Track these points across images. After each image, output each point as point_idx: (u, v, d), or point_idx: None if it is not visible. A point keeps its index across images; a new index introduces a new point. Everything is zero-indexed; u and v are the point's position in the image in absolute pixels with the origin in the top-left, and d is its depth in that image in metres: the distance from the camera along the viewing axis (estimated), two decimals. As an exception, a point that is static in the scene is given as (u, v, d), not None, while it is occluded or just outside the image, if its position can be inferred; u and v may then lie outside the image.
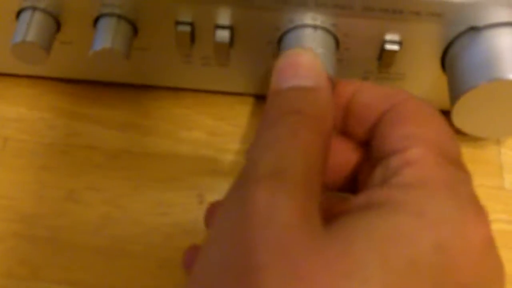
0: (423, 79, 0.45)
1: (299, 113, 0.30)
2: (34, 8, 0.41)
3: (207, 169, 0.47)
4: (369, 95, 0.34)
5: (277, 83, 0.32)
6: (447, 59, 0.42)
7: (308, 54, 0.33)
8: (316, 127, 0.30)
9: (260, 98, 0.49)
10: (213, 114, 0.49)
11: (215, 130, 0.48)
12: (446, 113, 0.35)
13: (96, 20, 0.42)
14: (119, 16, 0.41)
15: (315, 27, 0.41)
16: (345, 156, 0.35)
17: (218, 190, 0.45)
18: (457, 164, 0.30)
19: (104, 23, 0.41)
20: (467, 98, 0.40)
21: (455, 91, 0.40)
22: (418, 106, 0.32)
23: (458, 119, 0.42)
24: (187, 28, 0.42)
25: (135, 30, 0.42)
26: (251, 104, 0.49)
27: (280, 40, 0.42)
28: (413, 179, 0.29)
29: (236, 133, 0.48)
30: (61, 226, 0.44)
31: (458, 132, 0.42)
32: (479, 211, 0.29)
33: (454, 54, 0.41)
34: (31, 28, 0.41)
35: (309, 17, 0.40)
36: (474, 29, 0.40)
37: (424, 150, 0.30)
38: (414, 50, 0.42)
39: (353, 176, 0.35)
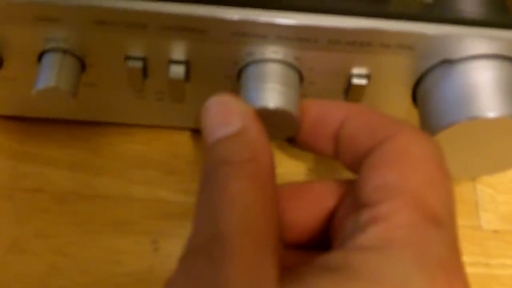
0: (393, 114, 0.41)
1: (227, 164, 0.28)
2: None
3: (162, 212, 0.43)
4: (356, 125, 0.31)
5: (206, 139, 0.30)
6: (418, 93, 0.40)
7: (226, 97, 0.31)
8: (247, 172, 0.28)
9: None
10: (168, 151, 0.46)
11: (171, 168, 0.45)
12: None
13: (40, 56, 0.39)
14: (65, 51, 0.38)
15: (276, 61, 0.38)
16: (316, 204, 0.32)
17: (174, 235, 0.42)
18: (436, 221, 0.27)
19: (48, 59, 0.38)
20: (441, 137, 0.37)
21: (428, 129, 0.38)
22: (407, 145, 0.29)
23: (430, 158, 0.38)
24: (138, 64, 0.39)
25: (82, 65, 0.39)
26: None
27: (239, 74, 0.39)
28: (377, 240, 0.26)
29: (193, 172, 0.45)
30: (4, 280, 0.40)
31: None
32: (451, 273, 0.26)
33: (426, 89, 0.39)
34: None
35: (270, 51, 0.38)
36: (448, 62, 0.38)
37: (399, 204, 0.27)
38: (383, 84, 0.40)
39: (324, 229, 0.32)
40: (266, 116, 0.32)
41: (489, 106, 0.36)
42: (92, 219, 0.43)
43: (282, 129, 0.36)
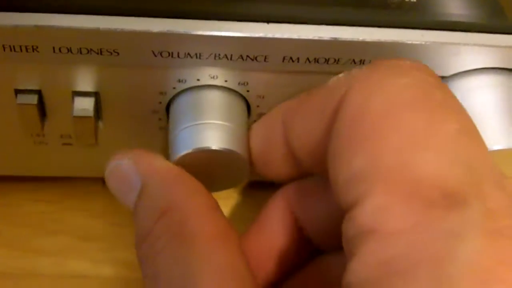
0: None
1: (143, 240, 0.25)
2: None
3: (78, 291, 0.35)
4: (300, 120, 0.26)
5: (125, 204, 0.28)
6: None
7: (123, 155, 0.28)
8: (164, 237, 0.25)
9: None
10: (85, 210, 0.38)
11: (88, 232, 0.37)
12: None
13: None
14: None
15: (215, 88, 0.31)
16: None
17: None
18: (450, 199, 0.19)
19: None
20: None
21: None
22: (364, 102, 0.22)
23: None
24: (32, 99, 0.31)
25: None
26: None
27: (168, 108, 0.32)
28: (373, 269, 0.19)
29: (118, 235, 0.37)
30: None
31: None
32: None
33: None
34: None
35: (206, 75, 0.30)
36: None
37: (380, 197, 0.20)
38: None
39: None
40: (207, 162, 0.28)
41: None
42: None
43: (230, 175, 0.31)
